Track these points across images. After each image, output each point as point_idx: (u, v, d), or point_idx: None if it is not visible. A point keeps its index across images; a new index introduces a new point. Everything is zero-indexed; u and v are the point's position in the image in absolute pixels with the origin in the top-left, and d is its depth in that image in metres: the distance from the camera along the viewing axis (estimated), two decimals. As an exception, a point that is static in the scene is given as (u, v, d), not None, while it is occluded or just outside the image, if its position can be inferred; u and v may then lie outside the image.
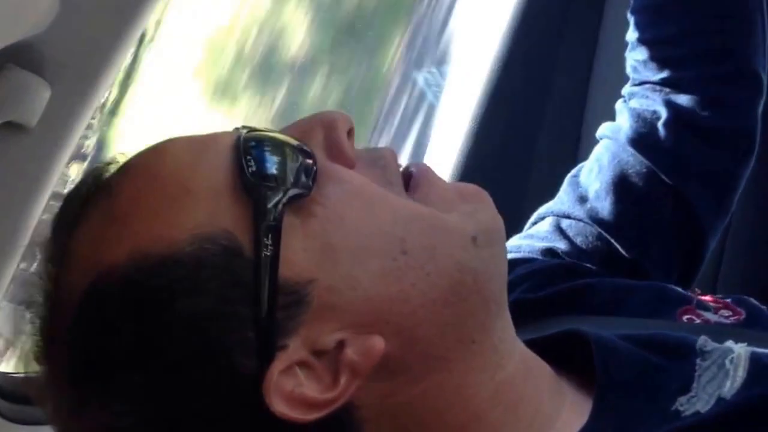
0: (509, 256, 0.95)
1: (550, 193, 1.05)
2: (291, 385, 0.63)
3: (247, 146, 0.67)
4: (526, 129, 1.53)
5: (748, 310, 0.90)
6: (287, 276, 0.64)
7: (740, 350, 0.71)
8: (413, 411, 0.66)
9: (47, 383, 0.68)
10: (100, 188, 0.69)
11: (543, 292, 0.91)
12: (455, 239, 0.67)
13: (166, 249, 0.64)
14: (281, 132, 0.70)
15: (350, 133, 0.70)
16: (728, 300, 0.91)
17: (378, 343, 0.64)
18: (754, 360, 0.70)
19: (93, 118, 1.03)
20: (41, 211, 1.01)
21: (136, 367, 0.64)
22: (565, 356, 0.75)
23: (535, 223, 1.03)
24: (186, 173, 0.67)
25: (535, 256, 0.97)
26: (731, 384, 0.68)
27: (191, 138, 0.70)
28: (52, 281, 0.68)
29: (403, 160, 0.74)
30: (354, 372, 0.64)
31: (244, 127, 0.70)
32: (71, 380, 0.66)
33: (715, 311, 0.89)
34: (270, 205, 0.64)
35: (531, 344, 0.74)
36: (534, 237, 1.01)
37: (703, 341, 0.72)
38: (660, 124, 1.00)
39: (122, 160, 0.71)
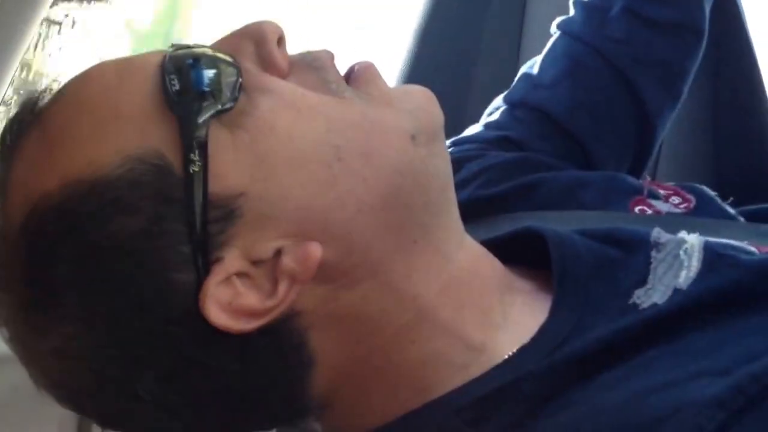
0: (462, 150, 0.97)
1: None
2: (229, 296, 0.64)
3: (171, 64, 0.66)
4: (466, 34, 1.52)
5: (698, 197, 0.92)
6: (217, 190, 0.64)
7: (694, 240, 0.72)
8: (358, 314, 0.66)
9: (4, 312, 0.69)
10: (34, 117, 0.69)
11: (496, 188, 0.92)
12: (393, 140, 0.67)
13: (96, 172, 0.64)
14: (210, 47, 0.69)
15: (281, 41, 0.69)
16: (678, 187, 0.93)
17: (315, 249, 0.64)
18: (708, 249, 0.71)
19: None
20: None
21: (78, 290, 0.64)
22: (523, 255, 0.75)
23: (490, 114, 1.03)
24: (112, 96, 0.66)
25: (488, 147, 0.98)
26: (686, 274, 0.69)
27: (119, 60, 0.69)
28: None
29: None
30: (293, 279, 0.64)
31: (172, 45, 0.69)
32: (22, 309, 0.67)
33: (666, 199, 0.91)
34: (195, 121, 0.64)
35: (487, 245, 0.75)
36: (487, 126, 1.02)
37: (657, 233, 0.73)
38: (611, 16, 1.02)
39: (55, 88, 0.70)
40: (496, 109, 1.03)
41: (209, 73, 0.66)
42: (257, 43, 0.69)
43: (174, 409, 0.67)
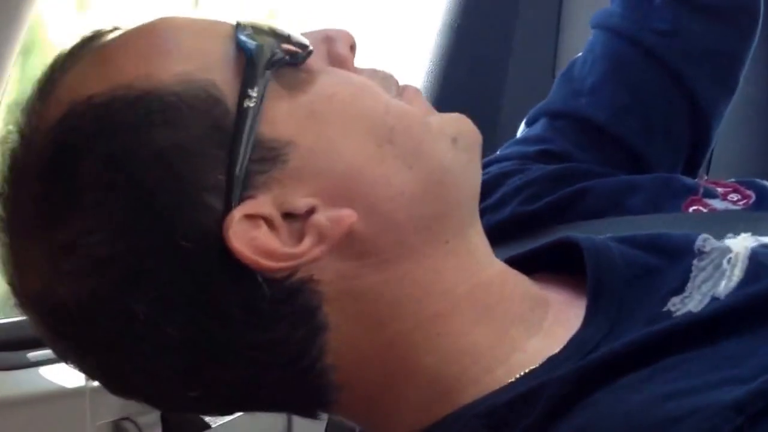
0: (502, 167, 0.95)
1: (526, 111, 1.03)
2: (253, 234, 0.64)
3: (248, 23, 0.69)
4: (496, 49, 1.48)
5: (758, 192, 0.89)
6: (267, 132, 0.66)
7: (739, 249, 0.70)
8: (379, 296, 0.67)
9: (9, 209, 0.69)
10: (96, 41, 0.70)
11: (539, 203, 0.90)
12: (438, 138, 0.69)
13: (150, 85, 0.66)
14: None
15: (352, 48, 0.72)
16: (737, 183, 0.90)
17: (349, 214, 0.65)
18: (752, 259, 0.69)
19: None
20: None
21: (101, 187, 0.65)
22: (563, 263, 0.75)
23: (529, 124, 1.00)
24: (182, 32, 0.69)
25: (527, 162, 0.95)
26: (726, 284, 0.68)
27: (196, 16, 0.73)
28: (33, 116, 0.69)
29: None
30: (320, 237, 0.65)
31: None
32: (35, 200, 0.67)
33: (723, 196, 0.88)
34: (259, 66, 0.67)
35: (526, 256, 0.76)
36: (526, 141, 0.99)
37: (702, 241, 0.72)
38: (656, 5, 0.97)
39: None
40: (534, 120, 1.00)
41: (280, 38, 0.68)
42: (330, 43, 0.71)
43: (167, 345, 0.66)
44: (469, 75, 1.43)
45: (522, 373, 0.66)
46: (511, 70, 1.45)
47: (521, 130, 1.01)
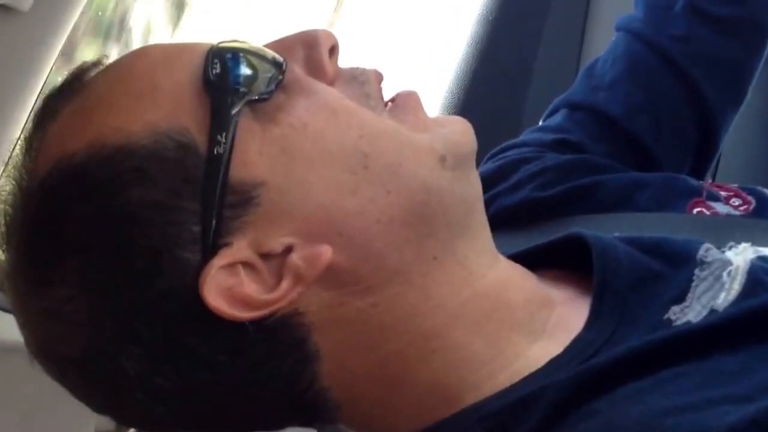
0: (519, 152, 0.98)
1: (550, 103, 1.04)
2: (231, 283, 0.64)
3: (217, 51, 0.68)
4: (526, 44, 1.51)
5: (758, 199, 0.91)
6: (239, 176, 0.65)
7: (740, 262, 0.71)
8: (367, 321, 0.66)
9: (7, 268, 0.70)
10: (79, 86, 0.70)
11: (553, 190, 0.91)
12: (422, 158, 0.68)
13: (122, 140, 0.65)
14: (261, 46, 0.71)
15: (333, 50, 0.71)
16: (739, 188, 0.92)
17: (325, 252, 0.65)
18: (751, 273, 0.69)
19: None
20: (35, 98, 0.99)
21: (81, 252, 0.65)
22: (572, 257, 0.75)
23: (550, 114, 1.03)
24: (155, 72, 0.68)
25: (545, 150, 0.97)
26: (725, 296, 0.68)
27: (168, 44, 0.72)
28: (23, 172, 0.70)
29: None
30: (297, 277, 0.65)
31: (224, 40, 0.70)
32: (23, 263, 0.68)
33: (726, 200, 0.90)
34: (228, 106, 0.65)
35: (536, 250, 0.76)
36: (546, 129, 1.01)
37: (704, 251, 0.72)
38: (673, 13, 1.00)
39: (105, 62, 0.72)
40: (555, 111, 1.03)
41: (251, 66, 0.67)
42: (309, 47, 0.70)
43: (160, 394, 0.66)
44: (499, 66, 1.46)
45: (522, 376, 0.66)
46: (538, 64, 1.47)
47: (542, 119, 1.04)
